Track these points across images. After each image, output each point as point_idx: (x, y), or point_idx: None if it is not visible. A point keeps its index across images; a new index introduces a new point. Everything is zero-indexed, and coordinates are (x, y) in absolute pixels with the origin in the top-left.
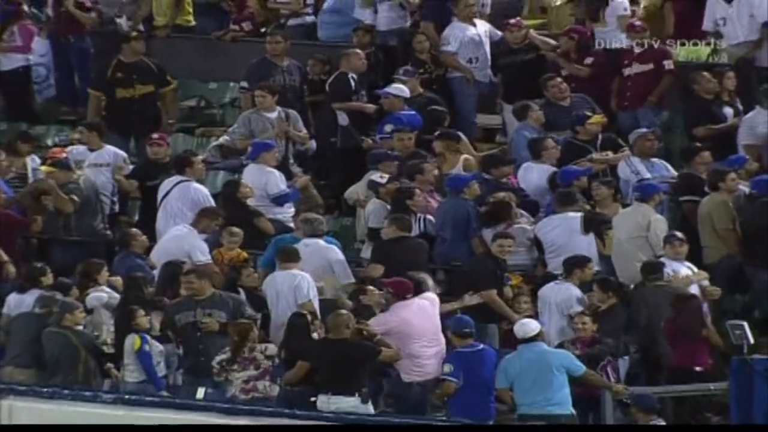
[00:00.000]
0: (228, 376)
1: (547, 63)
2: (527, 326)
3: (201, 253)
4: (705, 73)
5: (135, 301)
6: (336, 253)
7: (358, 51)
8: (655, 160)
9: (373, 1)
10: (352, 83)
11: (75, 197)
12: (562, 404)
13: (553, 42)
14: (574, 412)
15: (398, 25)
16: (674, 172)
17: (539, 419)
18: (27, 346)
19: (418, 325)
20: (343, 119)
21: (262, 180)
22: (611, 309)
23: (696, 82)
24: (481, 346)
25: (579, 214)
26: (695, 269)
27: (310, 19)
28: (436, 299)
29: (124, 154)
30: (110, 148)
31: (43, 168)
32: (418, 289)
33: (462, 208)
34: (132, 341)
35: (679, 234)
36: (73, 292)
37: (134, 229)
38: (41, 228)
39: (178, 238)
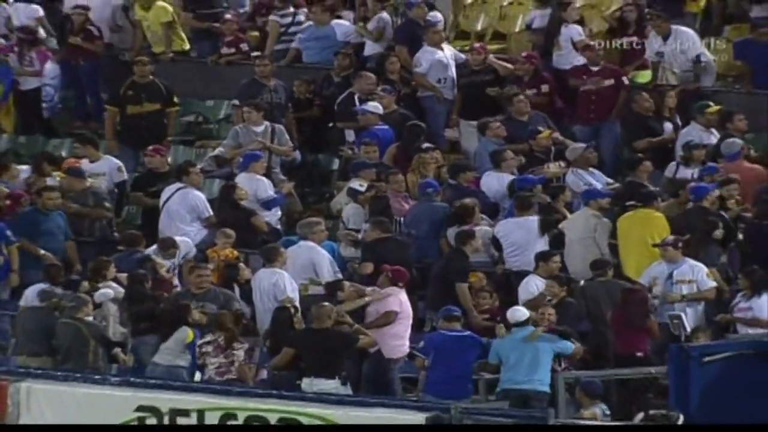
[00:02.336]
0: (204, 360)
1: (504, 84)
2: (519, 312)
3: None
4: (643, 93)
5: (137, 295)
6: (318, 253)
7: (369, 75)
8: (591, 169)
9: (383, 35)
10: (357, 103)
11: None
12: (544, 383)
13: (510, 66)
14: (549, 390)
15: (379, 51)
16: (607, 179)
17: (523, 394)
18: (33, 336)
19: (407, 310)
20: (350, 135)
21: (252, 187)
22: (561, 302)
23: (635, 101)
24: (467, 332)
25: (536, 218)
26: (700, 269)
27: (294, 44)
28: None
29: (119, 163)
30: (107, 159)
31: (57, 174)
32: None
33: (439, 210)
34: (186, 334)
35: (669, 238)
36: (83, 286)
37: (137, 232)
38: None
39: None
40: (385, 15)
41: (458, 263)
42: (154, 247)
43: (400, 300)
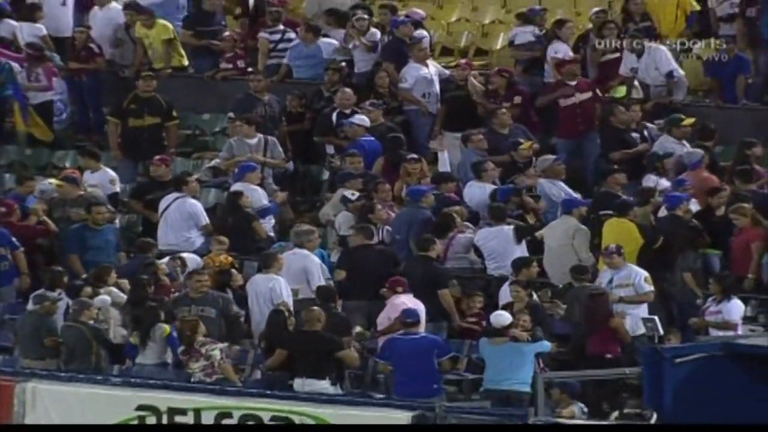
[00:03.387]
0: (188, 366)
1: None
2: (502, 317)
3: None
4: (620, 107)
5: (140, 299)
6: (312, 261)
7: (348, 90)
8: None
9: (349, 50)
10: (334, 119)
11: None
12: (525, 382)
13: (481, 87)
14: (530, 390)
15: (369, 68)
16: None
17: (502, 394)
18: (31, 338)
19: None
20: (329, 148)
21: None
22: (527, 305)
23: (613, 114)
24: (421, 335)
25: (511, 227)
26: (638, 273)
27: (285, 61)
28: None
29: (113, 176)
30: (103, 171)
31: (54, 181)
32: None
33: (423, 215)
34: (162, 330)
35: (610, 246)
36: (86, 291)
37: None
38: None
39: None
40: (377, 32)
41: (437, 269)
42: (166, 259)
43: (405, 304)
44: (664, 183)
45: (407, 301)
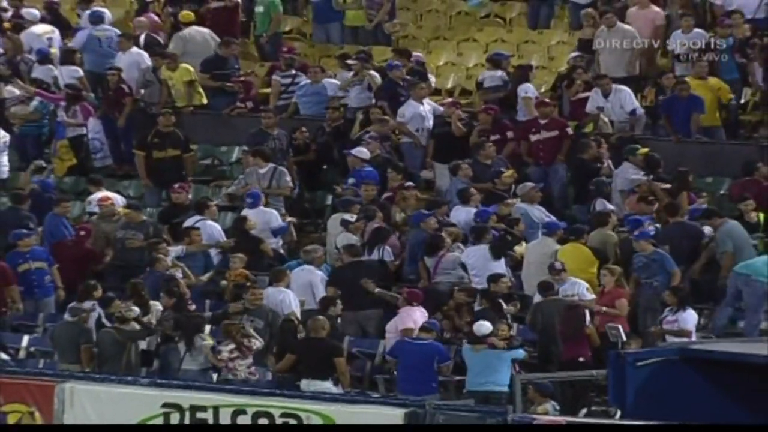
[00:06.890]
0: (232, 364)
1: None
2: (483, 326)
3: None
4: (592, 143)
5: (180, 307)
6: (316, 275)
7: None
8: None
9: (349, 84)
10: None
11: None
12: (503, 384)
13: (463, 128)
14: (507, 390)
15: (365, 104)
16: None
17: (484, 394)
18: (69, 346)
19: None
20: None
21: (264, 218)
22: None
23: (583, 149)
24: (428, 340)
25: (488, 245)
26: (580, 284)
27: (293, 99)
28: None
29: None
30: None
31: (121, 210)
32: None
33: (420, 236)
34: (207, 341)
35: (556, 264)
36: (116, 303)
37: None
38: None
39: None
40: (375, 74)
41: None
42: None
43: (413, 317)
44: (609, 206)
45: (416, 312)
